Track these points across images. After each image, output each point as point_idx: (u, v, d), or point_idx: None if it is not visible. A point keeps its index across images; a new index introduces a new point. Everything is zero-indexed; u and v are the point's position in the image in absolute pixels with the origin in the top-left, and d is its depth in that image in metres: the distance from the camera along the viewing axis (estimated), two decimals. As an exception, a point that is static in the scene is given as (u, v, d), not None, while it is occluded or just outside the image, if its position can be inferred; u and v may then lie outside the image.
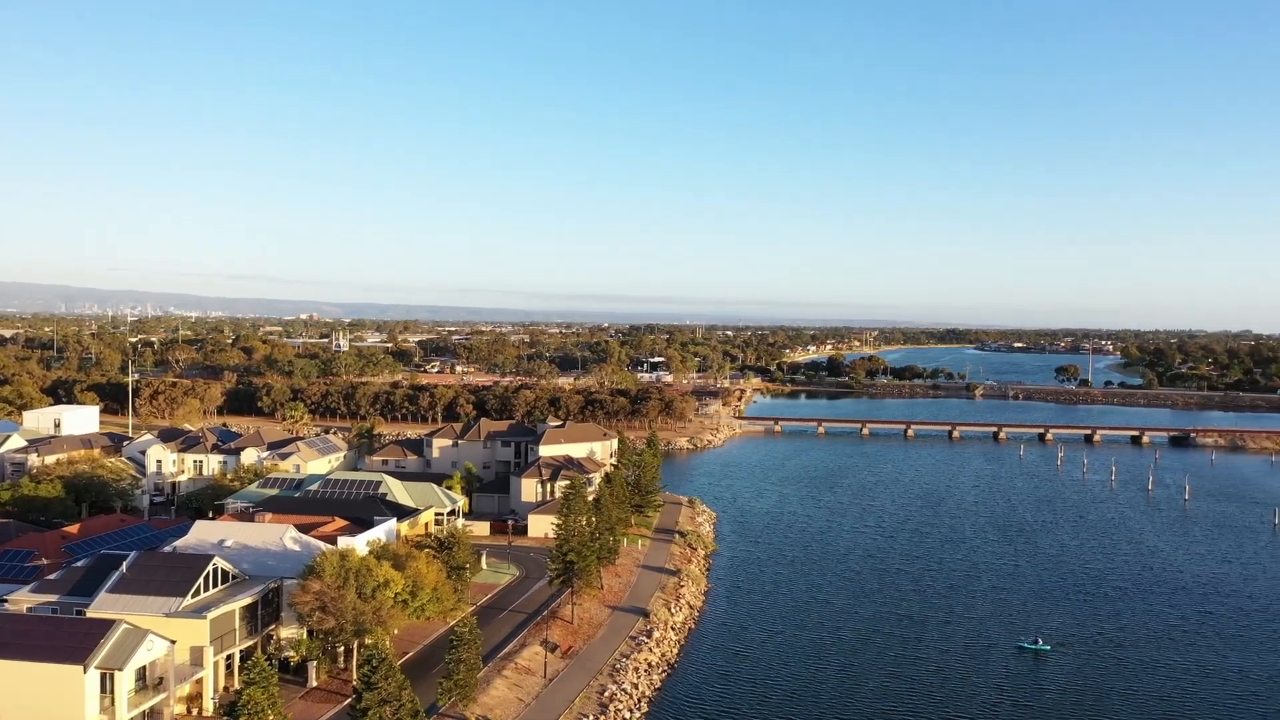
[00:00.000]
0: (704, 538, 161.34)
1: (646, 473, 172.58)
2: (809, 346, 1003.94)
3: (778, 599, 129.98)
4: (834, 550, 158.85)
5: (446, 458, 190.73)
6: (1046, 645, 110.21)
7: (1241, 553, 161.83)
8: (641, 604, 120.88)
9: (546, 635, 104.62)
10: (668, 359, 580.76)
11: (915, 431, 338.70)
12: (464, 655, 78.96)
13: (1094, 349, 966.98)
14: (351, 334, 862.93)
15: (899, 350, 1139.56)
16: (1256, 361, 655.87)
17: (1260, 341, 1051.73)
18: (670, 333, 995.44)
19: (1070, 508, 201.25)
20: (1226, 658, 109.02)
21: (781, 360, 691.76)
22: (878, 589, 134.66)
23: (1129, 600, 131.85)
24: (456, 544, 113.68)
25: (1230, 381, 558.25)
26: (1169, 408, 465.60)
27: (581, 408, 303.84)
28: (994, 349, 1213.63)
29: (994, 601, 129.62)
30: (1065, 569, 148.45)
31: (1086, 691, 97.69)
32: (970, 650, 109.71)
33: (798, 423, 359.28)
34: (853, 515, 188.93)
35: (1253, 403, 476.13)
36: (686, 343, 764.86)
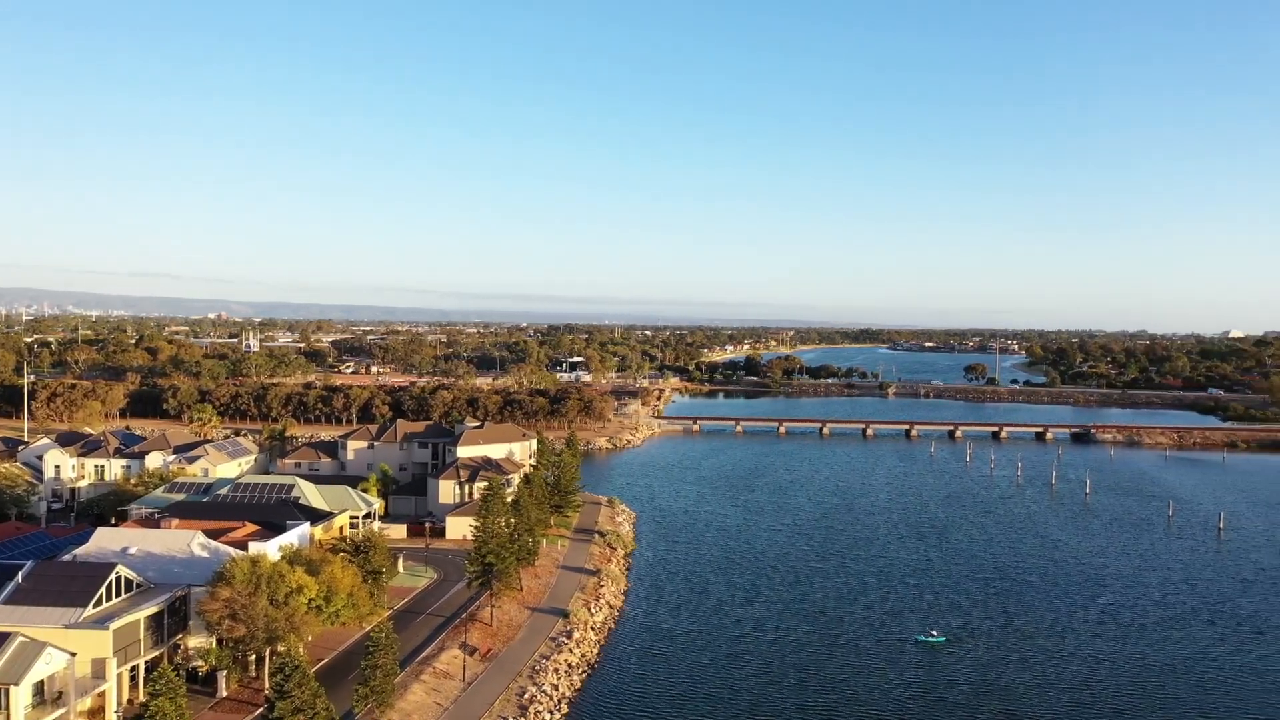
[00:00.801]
0: (623, 537, 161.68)
1: (566, 473, 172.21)
2: (727, 346, 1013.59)
3: (696, 598, 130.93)
4: (752, 549, 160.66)
5: (362, 460, 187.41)
6: (942, 637, 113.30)
7: (1139, 545, 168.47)
8: (561, 605, 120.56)
9: (465, 638, 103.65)
10: (587, 359, 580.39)
11: (831, 430, 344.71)
12: (380, 661, 77.69)
13: (1000, 348, 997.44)
14: (262, 334, 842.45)
15: (815, 350, 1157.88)
16: (1151, 360, 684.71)
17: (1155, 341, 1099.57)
18: (589, 333, 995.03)
19: (979, 503, 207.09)
20: (1127, 645, 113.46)
21: (700, 360, 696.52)
22: (794, 587, 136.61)
23: (1035, 592, 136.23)
24: (372, 547, 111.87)
25: (1127, 380, 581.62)
26: (1071, 405, 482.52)
27: (500, 408, 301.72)
28: (906, 349, 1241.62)
29: (907, 597, 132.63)
30: (975, 563, 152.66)
31: (979, 681, 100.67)
32: (885, 645, 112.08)
33: (716, 422, 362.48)
34: (770, 514, 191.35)
35: (1148, 400, 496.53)
36: (605, 343, 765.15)
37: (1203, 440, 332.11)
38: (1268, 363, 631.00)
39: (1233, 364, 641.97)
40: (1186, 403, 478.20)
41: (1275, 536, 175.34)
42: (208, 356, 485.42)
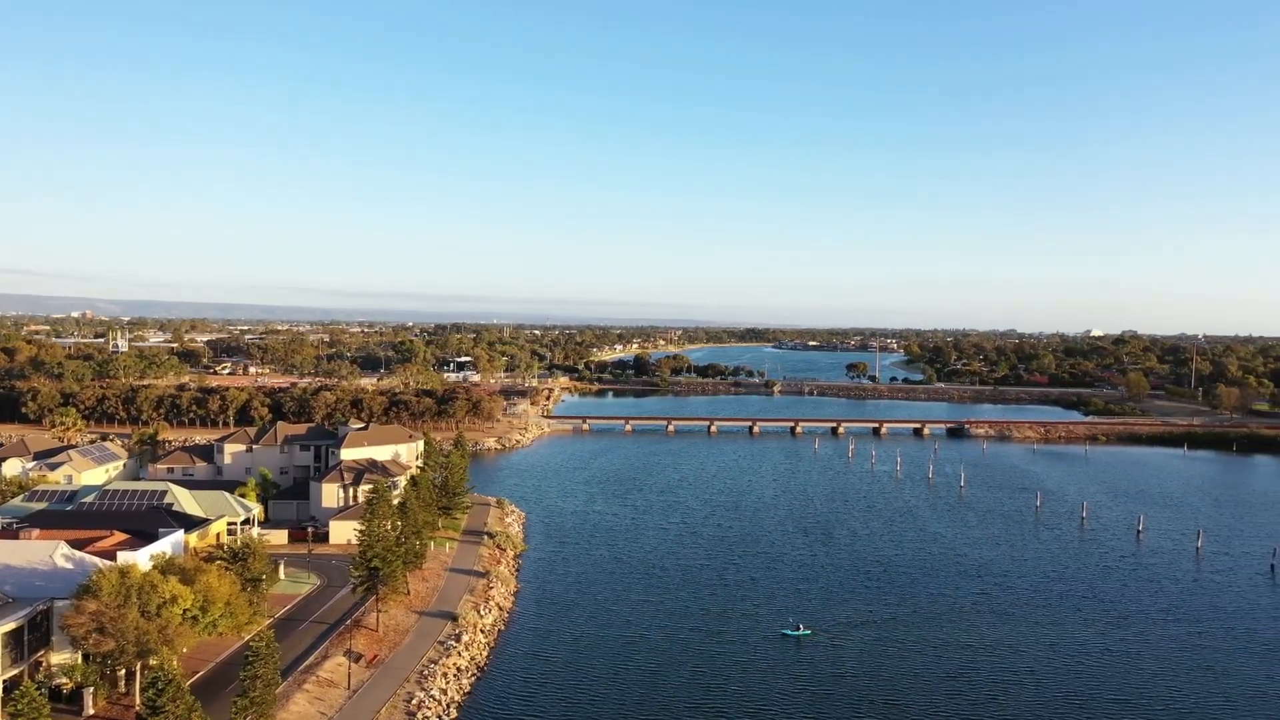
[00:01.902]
0: (513, 538, 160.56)
1: (454, 474, 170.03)
2: (616, 346, 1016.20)
3: (586, 599, 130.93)
4: (640, 548, 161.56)
5: (240, 464, 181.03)
6: (807, 631, 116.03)
7: (1010, 536, 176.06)
8: (450, 608, 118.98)
9: (350, 645, 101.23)
10: (475, 358, 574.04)
11: (718, 428, 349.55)
12: (260, 671, 75.15)
13: (880, 347, 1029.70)
14: (131, 333, 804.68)
15: (702, 349, 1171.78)
16: (1020, 358, 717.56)
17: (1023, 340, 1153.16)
18: (477, 332, 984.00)
19: (861, 498, 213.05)
20: (1000, 632, 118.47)
21: (589, 359, 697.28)
22: (683, 586, 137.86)
23: (915, 584, 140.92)
24: (251, 554, 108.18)
25: (999, 377, 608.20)
26: (947, 401, 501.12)
27: (385, 409, 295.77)
28: (791, 347, 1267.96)
29: (792, 592, 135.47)
30: (858, 558, 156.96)
31: (863, 673, 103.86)
32: (771, 641, 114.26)
33: (605, 421, 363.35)
34: (659, 513, 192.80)
35: (1017, 396, 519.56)
36: (494, 342, 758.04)
37: (1067, 434, 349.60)
38: (1125, 360, 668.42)
39: (1094, 361, 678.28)
40: (1052, 398, 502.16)
41: (1133, 525, 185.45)
42: (71, 357, 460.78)
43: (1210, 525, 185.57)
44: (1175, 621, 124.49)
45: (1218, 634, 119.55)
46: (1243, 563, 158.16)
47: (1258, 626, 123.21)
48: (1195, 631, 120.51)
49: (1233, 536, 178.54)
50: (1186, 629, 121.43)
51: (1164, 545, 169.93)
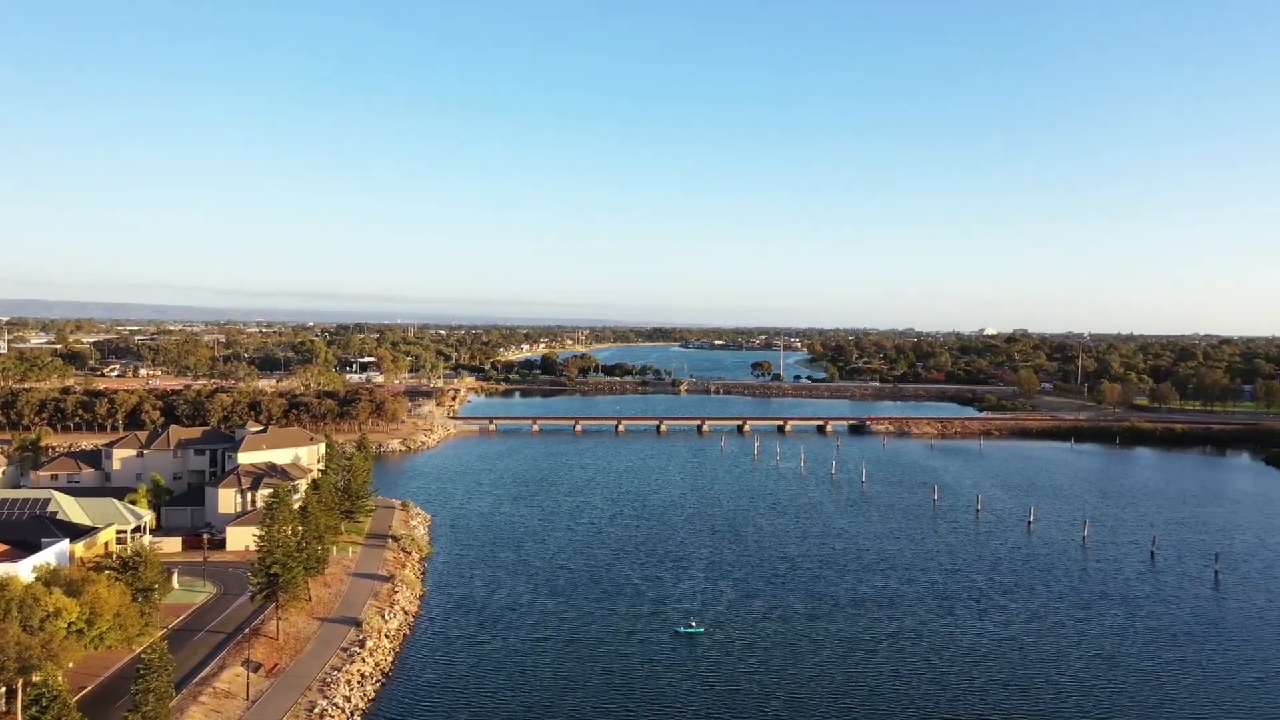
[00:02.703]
0: (418, 541, 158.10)
1: (357, 477, 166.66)
2: (523, 345, 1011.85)
3: (493, 601, 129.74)
4: (548, 549, 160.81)
5: (130, 469, 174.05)
6: (700, 628, 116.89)
7: (910, 530, 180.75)
8: (354, 613, 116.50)
9: (249, 654, 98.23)
10: (379, 359, 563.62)
11: (626, 427, 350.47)
12: (153, 684, 72.32)
13: (785, 346, 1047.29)
14: (11, 334, 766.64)
15: (610, 348, 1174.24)
16: (919, 356, 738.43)
17: (921, 339, 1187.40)
18: (381, 332, 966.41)
19: (767, 495, 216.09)
20: (902, 624, 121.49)
21: (496, 359, 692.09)
22: (590, 587, 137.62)
23: (820, 579, 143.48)
24: (142, 563, 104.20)
25: (898, 374, 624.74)
26: (849, 399, 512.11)
27: (285, 411, 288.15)
28: (697, 346, 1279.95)
29: (700, 590, 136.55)
30: (764, 554, 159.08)
31: (769, 668, 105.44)
32: (680, 638, 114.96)
33: (513, 421, 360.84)
34: (566, 513, 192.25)
35: (916, 393, 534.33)
36: (398, 342, 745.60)
37: (963, 430, 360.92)
38: (1016, 358, 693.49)
39: (988, 359, 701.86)
40: (949, 395, 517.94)
41: (1025, 517, 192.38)
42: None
43: (1096, 515, 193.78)
44: (1065, 609, 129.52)
45: (1105, 620, 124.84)
46: (1126, 551, 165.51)
47: (1140, 612, 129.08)
48: (1084, 618, 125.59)
49: (1117, 526, 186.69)
50: (1076, 616, 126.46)
51: (1054, 536, 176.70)
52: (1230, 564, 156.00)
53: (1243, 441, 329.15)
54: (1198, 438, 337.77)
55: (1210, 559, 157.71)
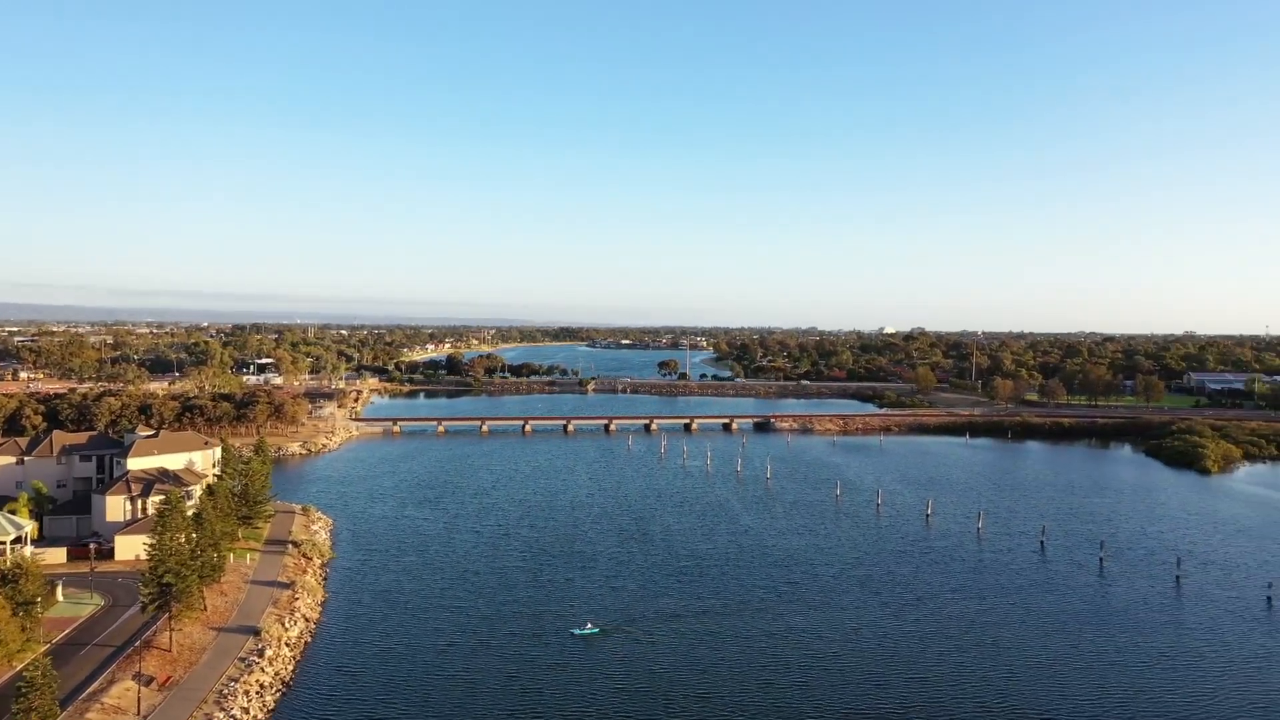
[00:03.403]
0: (320, 546, 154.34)
1: (255, 482, 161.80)
2: (428, 345, 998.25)
3: (397, 607, 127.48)
4: (454, 552, 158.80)
5: (9, 477, 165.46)
6: (595, 629, 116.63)
7: (813, 526, 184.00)
8: (252, 622, 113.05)
9: (140, 668, 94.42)
10: (277, 360, 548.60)
11: (533, 427, 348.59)
12: (35, 702, 68.93)
13: (690, 345, 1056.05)
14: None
15: (516, 348, 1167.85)
16: (821, 355, 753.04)
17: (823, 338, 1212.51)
18: (279, 332, 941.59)
19: (674, 494, 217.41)
20: (808, 619, 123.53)
21: (400, 360, 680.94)
22: (497, 590, 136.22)
23: (727, 577, 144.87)
24: (23, 575, 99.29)
25: (801, 372, 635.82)
26: (753, 397, 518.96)
27: (178, 415, 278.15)
28: (604, 346, 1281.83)
29: (609, 590, 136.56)
30: (672, 553, 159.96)
31: (679, 666, 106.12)
32: (589, 639, 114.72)
33: (417, 422, 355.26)
34: (472, 515, 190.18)
35: (819, 391, 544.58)
36: (298, 343, 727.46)
37: (864, 426, 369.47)
38: (914, 355, 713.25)
39: (887, 357, 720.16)
40: (850, 392, 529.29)
41: (923, 510, 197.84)
42: None
43: (989, 508, 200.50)
44: (963, 600, 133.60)
45: (1000, 609, 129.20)
46: (1019, 541, 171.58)
47: (1032, 600, 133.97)
48: (980, 607, 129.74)
49: (1009, 517, 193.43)
50: (972, 605, 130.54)
51: (951, 528, 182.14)
52: (1114, 551, 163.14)
53: (1124, 434, 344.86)
54: (1083, 431, 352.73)
55: (1096, 547, 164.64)
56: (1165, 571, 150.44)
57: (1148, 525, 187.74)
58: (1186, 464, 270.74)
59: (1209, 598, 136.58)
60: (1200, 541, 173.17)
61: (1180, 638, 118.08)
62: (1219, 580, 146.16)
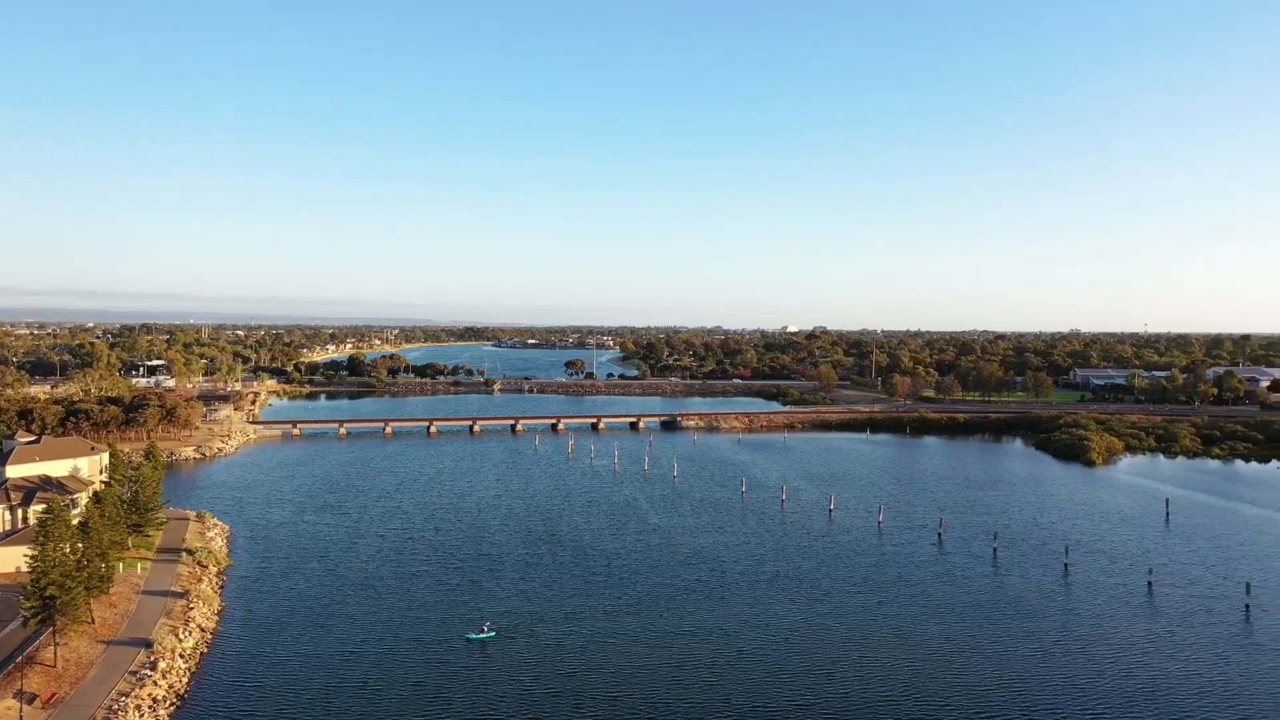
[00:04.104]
0: (216, 554, 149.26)
1: (146, 488, 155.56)
2: (328, 346, 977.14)
3: (298, 615, 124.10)
4: (357, 557, 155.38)
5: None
6: (492, 632, 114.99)
7: (720, 523, 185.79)
8: (144, 634, 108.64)
9: (21, 685, 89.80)
10: (169, 362, 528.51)
11: (438, 428, 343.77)
12: (-95, 727, 64.87)
13: (597, 344, 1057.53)
14: None
15: (421, 348, 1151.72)
16: (726, 353, 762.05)
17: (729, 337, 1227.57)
18: (171, 333, 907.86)
19: (583, 493, 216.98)
20: (716, 616, 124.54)
21: (299, 361, 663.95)
22: (402, 595, 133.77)
23: (636, 576, 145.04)
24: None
25: (707, 371, 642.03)
26: (660, 395, 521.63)
27: (62, 420, 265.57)
28: (510, 345, 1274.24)
29: (517, 592, 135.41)
30: (581, 553, 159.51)
31: (585, 667, 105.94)
32: (498, 644, 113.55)
33: (318, 425, 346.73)
34: (376, 519, 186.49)
35: (724, 389, 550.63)
36: (191, 344, 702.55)
37: (768, 423, 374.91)
38: (817, 354, 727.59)
39: (790, 355, 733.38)
40: (755, 390, 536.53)
41: (826, 506, 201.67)
42: None
43: (889, 502, 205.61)
44: (865, 592, 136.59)
45: (901, 601, 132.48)
46: (918, 534, 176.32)
47: (932, 591, 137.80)
48: (882, 600, 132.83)
49: (909, 511, 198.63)
50: (875, 598, 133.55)
51: (853, 523, 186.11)
52: (1008, 542, 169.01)
53: (1015, 428, 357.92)
54: (977, 426, 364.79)
55: (990, 538, 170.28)
56: (1055, 560, 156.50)
57: (1039, 516, 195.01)
58: (1073, 456, 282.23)
59: (1096, 584, 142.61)
60: (1087, 531, 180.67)
61: (1070, 624, 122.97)
62: (1105, 568, 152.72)
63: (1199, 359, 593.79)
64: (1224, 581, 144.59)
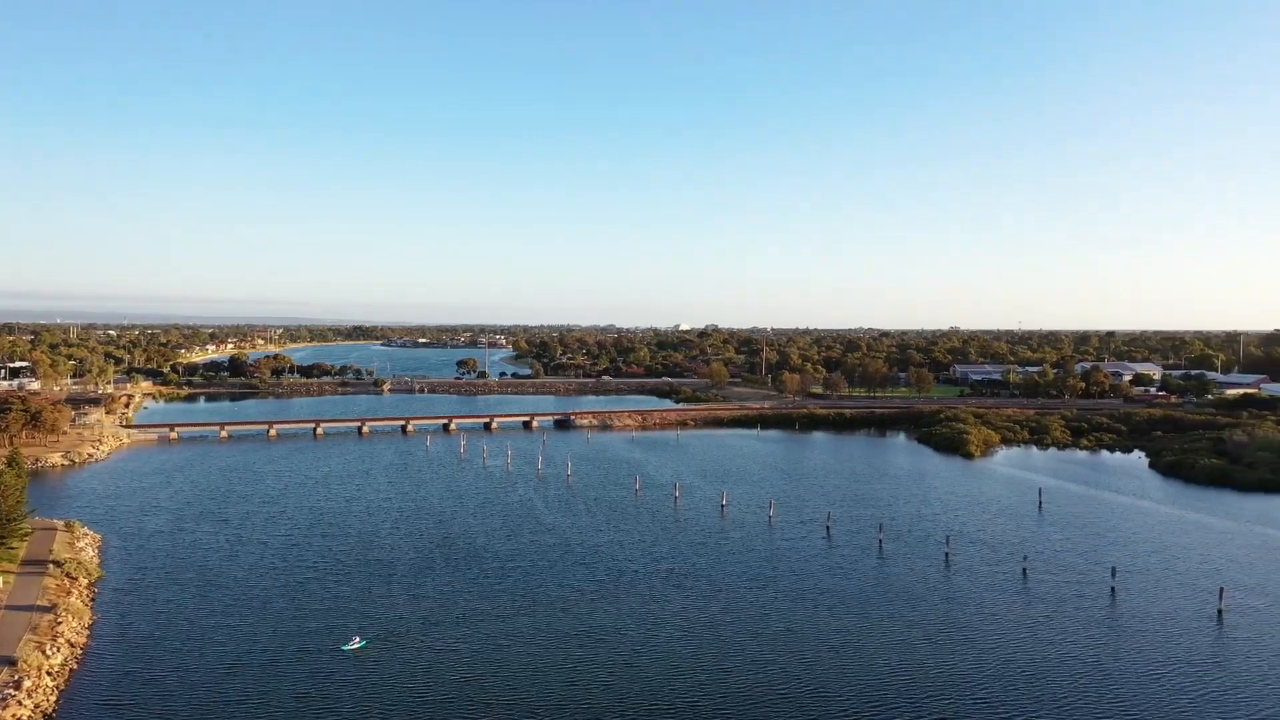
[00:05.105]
0: (86, 565, 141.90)
1: (9, 497, 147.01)
2: (208, 346, 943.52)
3: (176, 627, 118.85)
4: (239, 566, 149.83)
5: None
6: (364, 642, 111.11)
7: (614, 521, 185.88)
8: (6, 651, 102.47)
9: None
10: (34, 363, 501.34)
11: (325, 430, 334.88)
12: None
13: (490, 343, 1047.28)
14: None
15: (306, 348, 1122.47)
16: (619, 351, 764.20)
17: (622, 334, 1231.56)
18: (36, 334, 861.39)
19: (475, 494, 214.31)
20: (611, 616, 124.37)
21: (177, 361, 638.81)
22: (288, 604, 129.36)
23: (531, 578, 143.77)
24: None
25: (600, 369, 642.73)
26: (554, 394, 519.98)
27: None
28: (400, 345, 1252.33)
29: (410, 598, 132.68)
30: (474, 555, 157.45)
31: (475, 674, 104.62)
32: (375, 654, 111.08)
33: (197, 428, 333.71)
34: (260, 525, 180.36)
35: (618, 387, 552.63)
36: (58, 344, 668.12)
37: (661, 421, 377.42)
38: (709, 351, 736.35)
39: (683, 353, 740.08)
40: (648, 388, 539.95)
41: (718, 502, 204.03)
42: None
43: (780, 497, 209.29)
44: (758, 587, 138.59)
45: (793, 595, 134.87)
46: (808, 529, 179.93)
47: (822, 584, 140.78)
48: (774, 595, 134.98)
49: (799, 506, 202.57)
50: (768, 593, 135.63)
51: (745, 519, 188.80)
52: (893, 534, 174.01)
53: (899, 423, 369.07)
54: (863, 421, 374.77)
55: (876, 530, 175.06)
56: (937, 550, 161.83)
57: (922, 508, 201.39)
58: (953, 449, 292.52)
59: (976, 573, 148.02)
60: (968, 521, 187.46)
61: (953, 612, 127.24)
62: (984, 557, 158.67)
63: (1068, 355, 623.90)
64: (1094, 567, 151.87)
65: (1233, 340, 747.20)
